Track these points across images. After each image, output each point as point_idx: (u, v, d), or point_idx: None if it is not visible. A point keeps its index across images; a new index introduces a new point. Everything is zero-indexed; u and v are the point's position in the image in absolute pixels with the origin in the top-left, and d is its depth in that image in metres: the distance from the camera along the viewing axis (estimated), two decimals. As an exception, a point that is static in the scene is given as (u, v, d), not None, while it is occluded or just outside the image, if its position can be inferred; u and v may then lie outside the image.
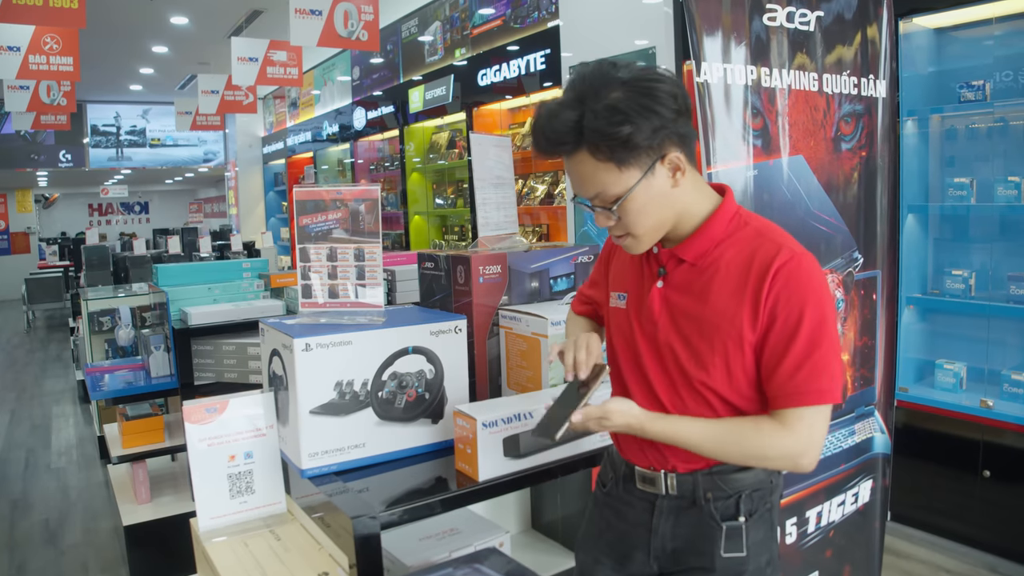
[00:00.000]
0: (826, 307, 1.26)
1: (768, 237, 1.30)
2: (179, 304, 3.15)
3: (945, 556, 3.13)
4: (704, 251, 1.32)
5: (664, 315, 1.35)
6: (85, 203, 22.03)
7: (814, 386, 1.23)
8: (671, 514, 1.39)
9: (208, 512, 1.59)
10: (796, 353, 1.23)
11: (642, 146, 1.22)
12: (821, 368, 1.23)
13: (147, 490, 3.27)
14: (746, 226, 1.33)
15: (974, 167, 3.45)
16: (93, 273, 7.06)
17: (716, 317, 1.29)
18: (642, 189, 1.26)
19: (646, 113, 1.20)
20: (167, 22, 8.61)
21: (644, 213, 1.28)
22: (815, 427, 1.25)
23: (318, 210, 1.68)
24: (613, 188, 1.25)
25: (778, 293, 1.24)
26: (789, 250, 1.27)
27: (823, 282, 1.28)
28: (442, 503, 1.46)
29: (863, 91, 2.20)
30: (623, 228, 1.30)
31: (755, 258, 1.27)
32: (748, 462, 1.30)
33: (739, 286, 1.28)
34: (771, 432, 1.25)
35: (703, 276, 1.32)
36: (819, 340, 1.23)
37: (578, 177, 1.28)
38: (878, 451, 2.31)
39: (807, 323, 1.23)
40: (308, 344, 1.51)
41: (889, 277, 2.31)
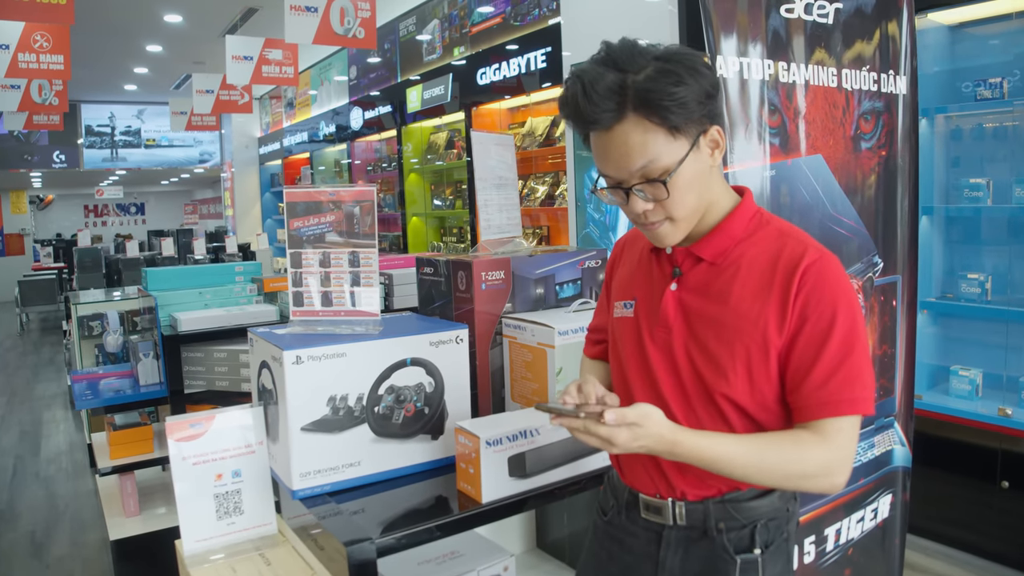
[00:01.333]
0: (856, 310, 1.17)
1: (793, 236, 1.22)
2: (169, 309, 3.05)
3: (963, 570, 3.04)
4: (724, 249, 1.23)
5: (679, 319, 1.24)
6: (80, 204, 21.98)
7: (848, 394, 1.14)
8: (680, 546, 1.27)
9: (193, 534, 1.50)
10: (829, 358, 1.14)
11: (694, 111, 1.12)
12: (855, 375, 1.14)
13: (135, 502, 3.17)
14: (767, 225, 1.24)
15: (988, 167, 3.36)
16: (85, 275, 6.98)
17: (738, 320, 1.19)
18: (691, 162, 1.16)
19: (695, 75, 1.12)
20: (160, 20, 8.52)
21: (690, 190, 1.18)
22: (851, 440, 1.16)
23: (311, 212, 1.59)
24: (664, 157, 1.14)
25: (808, 294, 1.15)
26: (816, 250, 1.19)
27: (850, 285, 1.19)
28: (443, 527, 1.36)
29: (883, 87, 2.10)
30: (663, 211, 1.18)
31: (781, 257, 1.19)
32: (784, 482, 1.16)
33: (764, 286, 1.18)
34: (811, 445, 1.14)
35: (723, 276, 1.22)
36: (852, 345, 1.14)
37: (620, 150, 1.14)
38: (898, 464, 2.21)
39: (840, 326, 1.14)
40: (299, 356, 1.41)
41: (909, 282, 2.21)
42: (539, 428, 1.47)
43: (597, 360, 1.51)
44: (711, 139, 1.18)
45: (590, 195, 3.79)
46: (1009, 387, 3.18)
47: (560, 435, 1.48)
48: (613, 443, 1.11)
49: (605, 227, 3.46)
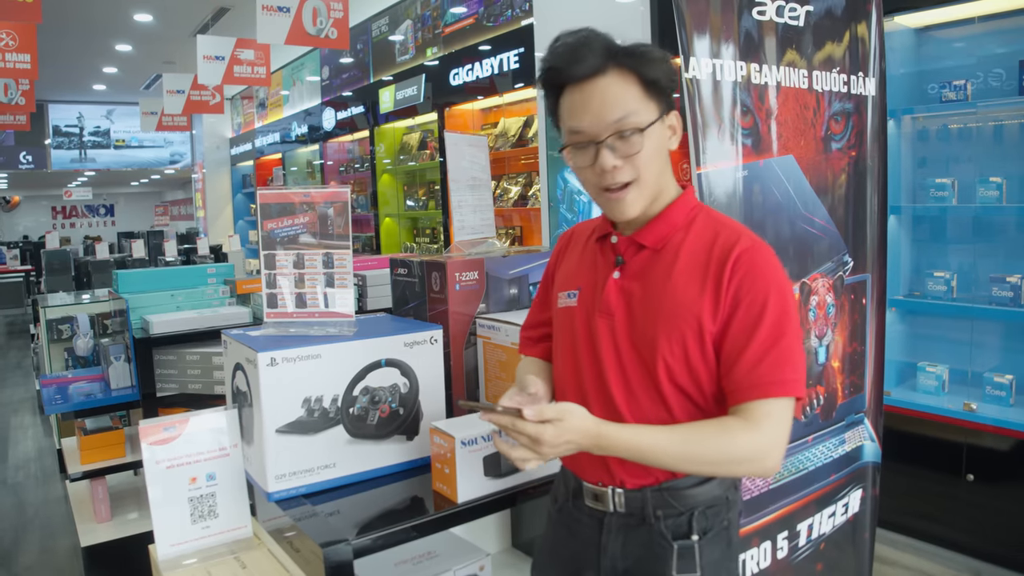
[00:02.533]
0: (788, 296, 1.22)
1: (727, 226, 1.27)
2: (140, 312, 3.02)
3: (930, 561, 3.09)
4: (665, 235, 1.28)
5: (621, 306, 1.28)
6: (48, 206, 21.64)
7: (778, 376, 1.17)
8: (620, 532, 1.31)
9: (167, 539, 1.48)
10: (760, 342, 1.18)
11: (665, 78, 1.22)
12: (785, 358, 1.18)
13: (107, 508, 3.13)
14: (707, 216, 1.30)
15: (953, 168, 3.42)
16: (54, 278, 6.87)
17: (675, 305, 1.22)
18: (657, 129, 1.23)
19: (667, 58, 1.23)
20: (130, 19, 8.43)
21: (656, 156, 1.24)
22: (781, 423, 1.18)
23: (284, 213, 1.58)
24: (639, 115, 1.20)
25: (741, 280, 1.20)
26: (749, 238, 1.24)
27: (783, 272, 1.24)
28: (419, 528, 1.37)
29: (853, 89, 2.13)
30: (633, 169, 1.23)
31: (715, 245, 1.23)
32: (715, 469, 1.20)
33: (699, 273, 1.23)
34: (737, 430, 1.17)
35: (662, 263, 1.27)
36: (783, 329, 1.18)
37: (600, 100, 1.20)
38: (868, 460, 2.25)
39: (771, 312, 1.18)
40: (273, 358, 1.41)
41: (879, 281, 2.25)
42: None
43: (538, 360, 1.50)
44: (671, 122, 1.27)
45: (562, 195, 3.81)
46: (974, 383, 3.24)
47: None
48: (540, 441, 1.13)
49: (579, 227, 3.47)
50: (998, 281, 3.08)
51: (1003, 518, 2.96)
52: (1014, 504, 2.93)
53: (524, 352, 1.53)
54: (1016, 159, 3.18)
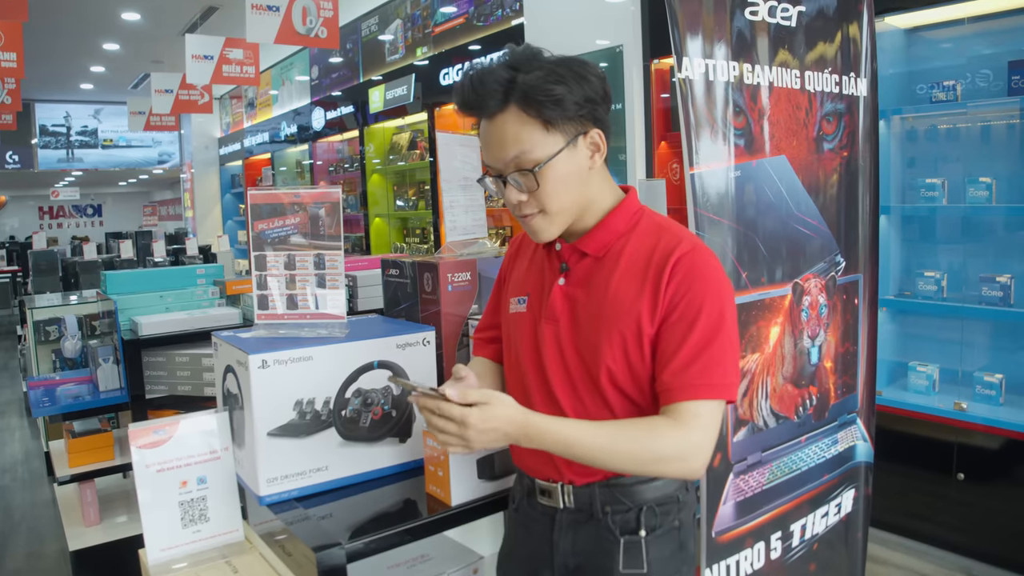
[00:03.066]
0: (725, 302, 1.23)
1: (669, 231, 1.28)
2: (129, 313, 2.99)
3: (921, 560, 3.10)
4: (606, 243, 1.30)
5: (566, 312, 1.31)
6: (35, 206, 21.50)
7: (707, 379, 1.19)
8: (570, 528, 1.33)
9: (158, 543, 1.47)
10: (691, 345, 1.20)
11: (571, 110, 1.21)
12: (716, 362, 1.19)
13: (96, 511, 3.10)
14: (648, 221, 1.32)
15: (943, 168, 3.44)
16: (41, 279, 6.82)
17: (615, 309, 1.25)
18: (564, 158, 1.24)
19: (579, 80, 1.22)
20: (118, 18, 8.38)
21: (563, 185, 1.25)
22: (709, 425, 1.20)
23: (275, 214, 1.57)
24: (537, 150, 1.22)
25: (679, 283, 1.22)
26: (689, 242, 1.25)
27: (723, 276, 1.26)
28: (412, 531, 1.36)
29: (844, 89, 2.13)
30: (537, 203, 1.25)
31: (656, 249, 1.25)
32: (641, 466, 1.21)
33: (639, 277, 1.25)
34: (665, 429, 1.18)
35: (604, 269, 1.29)
36: (716, 333, 1.20)
37: (498, 139, 1.23)
38: (861, 459, 2.25)
39: (705, 315, 1.20)
40: (265, 360, 1.40)
41: (871, 281, 2.25)
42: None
43: (488, 361, 1.52)
44: (591, 141, 1.26)
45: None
46: (964, 382, 3.26)
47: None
48: (466, 424, 1.13)
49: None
50: (988, 281, 3.09)
51: (994, 516, 2.97)
52: (1004, 503, 2.94)
53: (475, 353, 1.56)
54: (1005, 159, 3.20)
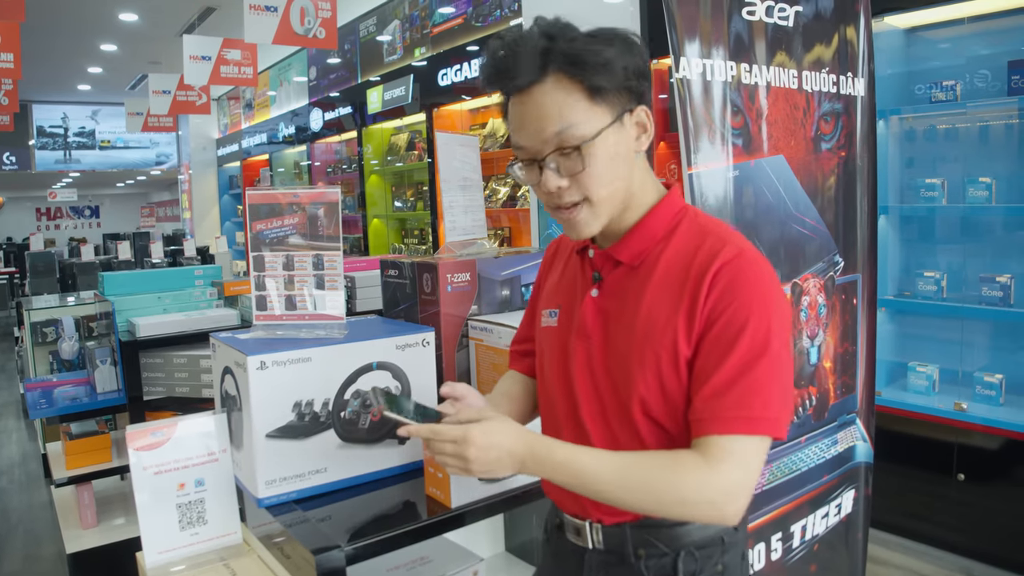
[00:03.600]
0: (776, 317, 1.04)
1: (713, 233, 1.10)
2: (127, 314, 2.98)
3: (921, 561, 3.10)
4: (642, 250, 1.13)
5: (598, 328, 1.15)
6: (32, 207, 21.46)
7: (744, 411, 1.00)
8: (600, 570, 1.19)
9: (155, 546, 1.46)
10: (729, 367, 1.02)
11: (619, 78, 1.05)
12: (757, 389, 1.01)
13: (93, 514, 3.09)
14: (691, 222, 1.14)
15: (942, 168, 3.43)
16: (38, 280, 6.80)
17: (649, 326, 1.08)
18: (612, 135, 1.07)
19: (627, 47, 1.06)
20: (115, 18, 8.36)
21: (609, 168, 1.08)
22: (744, 465, 1.01)
23: (273, 214, 1.56)
24: (583, 125, 1.04)
25: (720, 295, 1.04)
26: (735, 247, 1.07)
27: (774, 288, 1.07)
28: (412, 533, 1.35)
29: (842, 89, 2.13)
30: (580, 189, 1.08)
31: (696, 256, 1.08)
32: (661, 508, 1.03)
33: (676, 289, 1.08)
34: (690, 467, 1.01)
35: (638, 279, 1.13)
36: (760, 355, 1.01)
37: (536, 113, 1.05)
38: (860, 460, 2.24)
39: (749, 333, 1.02)
40: (263, 362, 1.39)
41: (869, 281, 2.25)
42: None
43: (521, 376, 1.42)
44: (637, 120, 1.11)
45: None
46: (964, 382, 3.26)
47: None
48: (467, 442, 1.03)
49: (569, 228, 3.46)
50: (988, 281, 3.09)
51: (994, 517, 2.97)
52: (1004, 503, 2.94)
53: (511, 366, 1.45)
54: (1005, 159, 3.20)
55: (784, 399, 1.04)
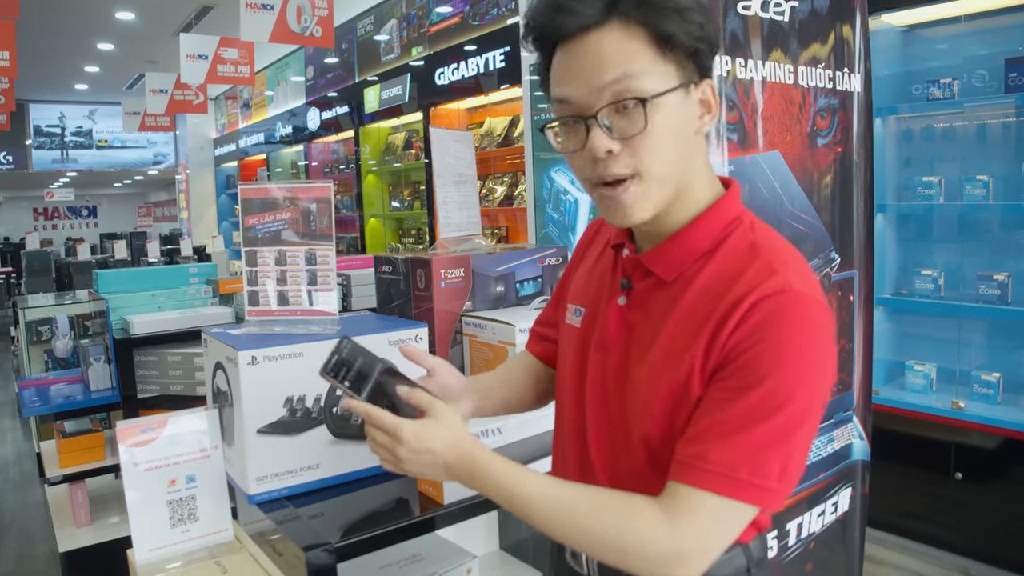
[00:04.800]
0: (808, 377, 0.86)
1: (765, 256, 0.91)
2: (121, 312, 2.97)
3: (919, 560, 3.09)
4: (679, 264, 0.96)
5: (620, 341, 1.01)
6: (30, 207, 21.44)
7: (731, 470, 0.84)
8: None
9: (146, 543, 1.45)
10: (733, 416, 0.85)
11: (693, 32, 0.89)
12: (756, 451, 0.84)
13: (87, 512, 3.08)
14: (742, 237, 0.95)
15: (939, 166, 3.43)
16: (34, 279, 6.80)
17: (666, 354, 0.93)
18: (678, 101, 0.91)
19: (702, 6, 0.91)
20: (112, 17, 8.35)
21: (674, 138, 0.91)
22: (714, 530, 0.86)
23: (266, 209, 1.55)
24: (648, 77, 0.88)
25: (747, 333, 0.86)
26: (785, 279, 0.87)
27: (820, 341, 0.87)
28: (404, 530, 1.34)
29: (838, 85, 2.12)
30: (633, 158, 0.90)
31: (737, 281, 0.90)
32: (603, 554, 0.90)
33: (704, 317, 0.90)
34: (645, 517, 0.87)
35: (670, 295, 0.96)
36: (773, 414, 0.84)
37: (592, 59, 0.89)
38: (857, 458, 2.23)
39: (769, 386, 0.84)
40: (254, 356, 1.37)
41: (866, 278, 2.24)
42: (502, 427, 1.45)
43: (531, 358, 1.31)
44: (702, 95, 0.95)
45: (548, 195, 3.78)
46: (962, 381, 3.25)
47: (523, 434, 1.46)
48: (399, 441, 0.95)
49: (564, 227, 3.45)
50: (985, 279, 3.08)
51: (991, 516, 2.96)
52: (1002, 502, 2.93)
53: (527, 346, 1.33)
54: (1002, 158, 3.19)
55: (786, 471, 0.87)
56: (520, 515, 0.93)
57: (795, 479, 0.90)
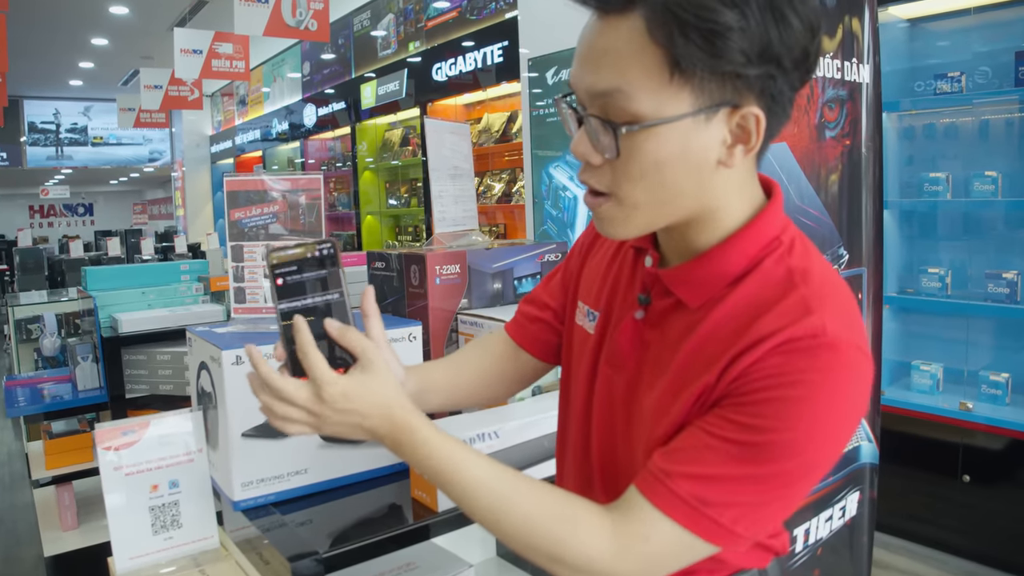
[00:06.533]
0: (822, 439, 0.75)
1: (802, 290, 0.78)
2: (111, 310, 2.91)
3: (925, 565, 3.04)
4: (705, 289, 0.83)
5: (632, 359, 0.91)
6: (25, 205, 21.37)
7: (701, 504, 0.75)
8: None
9: (127, 551, 1.39)
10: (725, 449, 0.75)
11: (730, 60, 0.72)
12: (738, 492, 0.75)
13: (74, 515, 3.01)
14: (780, 259, 0.82)
15: (946, 162, 3.38)
16: (27, 277, 6.74)
17: (675, 384, 0.83)
18: (679, 133, 0.75)
19: (773, 15, 0.72)
20: (106, 12, 8.29)
21: (655, 174, 0.77)
22: (659, 558, 0.78)
23: (252, 202, 1.48)
24: (642, 99, 0.74)
25: (764, 375, 0.75)
26: (820, 322, 0.74)
27: (848, 402, 0.76)
28: (396, 538, 1.27)
29: (846, 75, 2.06)
30: (607, 179, 0.80)
31: (765, 316, 0.77)
32: (534, 554, 0.82)
33: (722, 348, 0.79)
34: (583, 522, 0.80)
35: (691, 318, 0.84)
36: (771, 462, 0.74)
37: (597, 50, 0.77)
38: (865, 461, 2.18)
39: (776, 437, 0.74)
40: (239, 356, 1.31)
41: (875, 275, 2.18)
42: (498, 431, 1.39)
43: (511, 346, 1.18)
44: (740, 123, 0.77)
45: (547, 191, 3.72)
46: (969, 381, 3.20)
47: (521, 438, 1.40)
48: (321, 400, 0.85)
49: (563, 223, 3.40)
50: (994, 277, 3.03)
51: (999, 519, 2.91)
52: (1010, 505, 2.88)
53: (507, 327, 1.20)
54: (1012, 153, 3.14)
55: (759, 523, 0.78)
56: (453, 499, 0.85)
57: (764, 532, 0.81)
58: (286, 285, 0.89)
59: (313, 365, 0.85)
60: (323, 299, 0.90)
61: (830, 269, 0.84)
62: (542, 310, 1.15)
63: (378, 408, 0.85)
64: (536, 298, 1.17)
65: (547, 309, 1.14)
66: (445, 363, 1.19)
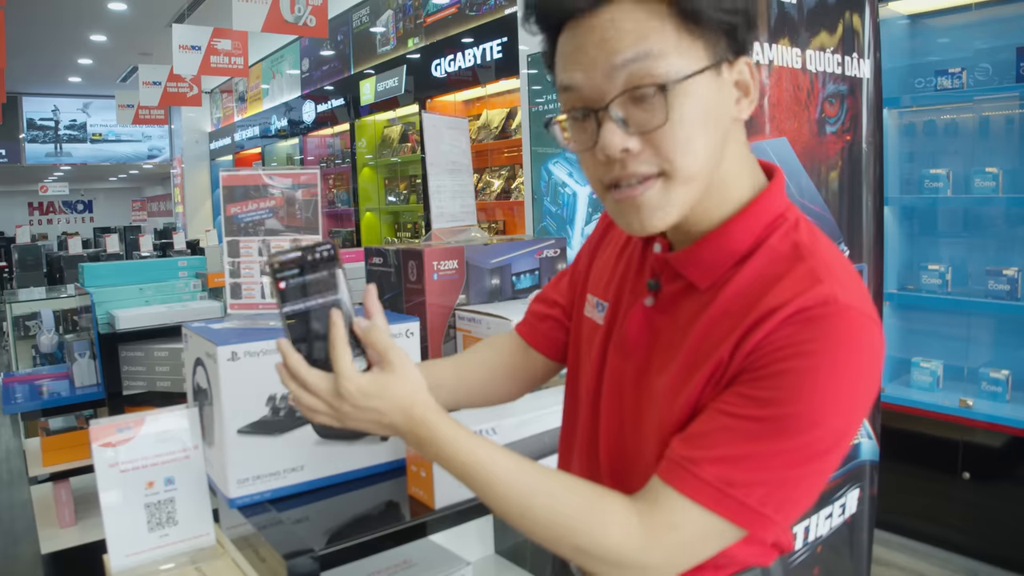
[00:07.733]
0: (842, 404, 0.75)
1: (809, 262, 0.79)
2: (108, 306, 2.90)
3: (925, 562, 3.03)
4: (714, 268, 0.84)
5: (641, 347, 0.90)
6: (24, 202, 21.36)
7: (724, 486, 0.75)
8: None
9: (122, 549, 1.38)
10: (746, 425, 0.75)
11: (725, 6, 0.76)
12: (763, 469, 0.75)
13: (71, 512, 3.00)
14: (786, 235, 0.83)
15: (947, 159, 3.37)
16: (26, 274, 6.74)
17: (687, 365, 0.83)
18: (708, 83, 0.77)
19: None
20: (104, 8, 8.27)
21: (703, 126, 0.77)
22: (688, 545, 0.78)
23: (248, 197, 1.47)
24: (670, 57, 0.75)
25: (778, 346, 0.75)
26: (830, 290, 0.75)
27: (865, 365, 0.76)
28: (393, 536, 1.26)
29: (847, 70, 2.05)
30: (656, 154, 0.77)
31: (773, 289, 0.78)
32: (557, 547, 0.81)
33: (733, 324, 0.79)
34: (612, 514, 0.79)
35: (700, 301, 0.85)
36: (795, 434, 0.74)
37: (602, 38, 0.76)
38: (865, 458, 2.17)
39: (797, 407, 0.74)
40: (235, 352, 1.30)
41: (876, 271, 2.17)
42: (497, 427, 1.38)
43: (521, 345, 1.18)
44: (738, 76, 0.81)
45: (546, 188, 3.71)
46: (970, 378, 3.19)
47: (519, 435, 1.39)
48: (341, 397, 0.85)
49: (562, 220, 3.39)
50: (994, 274, 3.02)
51: (1000, 517, 2.91)
52: (1011, 503, 2.87)
53: (517, 327, 1.20)
54: (1012, 150, 3.14)
55: (789, 501, 0.77)
56: (477, 494, 0.85)
57: (796, 513, 0.79)
58: (288, 288, 0.90)
59: (337, 358, 0.85)
60: (325, 300, 0.91)
61: (833, 245, 0.85)
62: (552, 308, 1.15)
63: (398, 406, 0.86)
64: (546, 297, 1.17)
65: (557, 307, 1.14)
66: (453, 360, 1.20)
